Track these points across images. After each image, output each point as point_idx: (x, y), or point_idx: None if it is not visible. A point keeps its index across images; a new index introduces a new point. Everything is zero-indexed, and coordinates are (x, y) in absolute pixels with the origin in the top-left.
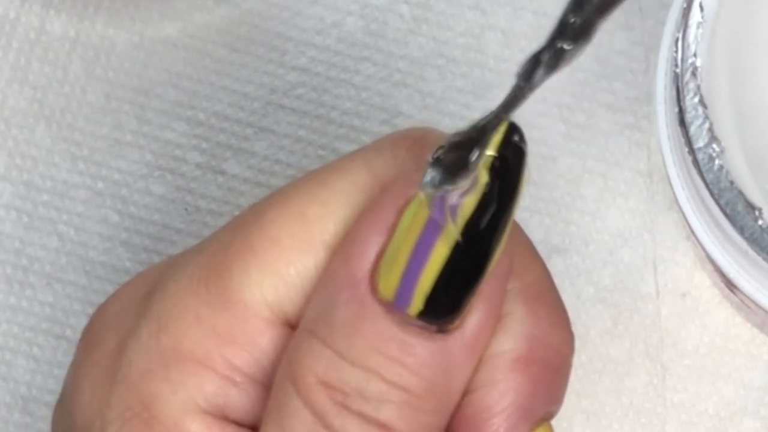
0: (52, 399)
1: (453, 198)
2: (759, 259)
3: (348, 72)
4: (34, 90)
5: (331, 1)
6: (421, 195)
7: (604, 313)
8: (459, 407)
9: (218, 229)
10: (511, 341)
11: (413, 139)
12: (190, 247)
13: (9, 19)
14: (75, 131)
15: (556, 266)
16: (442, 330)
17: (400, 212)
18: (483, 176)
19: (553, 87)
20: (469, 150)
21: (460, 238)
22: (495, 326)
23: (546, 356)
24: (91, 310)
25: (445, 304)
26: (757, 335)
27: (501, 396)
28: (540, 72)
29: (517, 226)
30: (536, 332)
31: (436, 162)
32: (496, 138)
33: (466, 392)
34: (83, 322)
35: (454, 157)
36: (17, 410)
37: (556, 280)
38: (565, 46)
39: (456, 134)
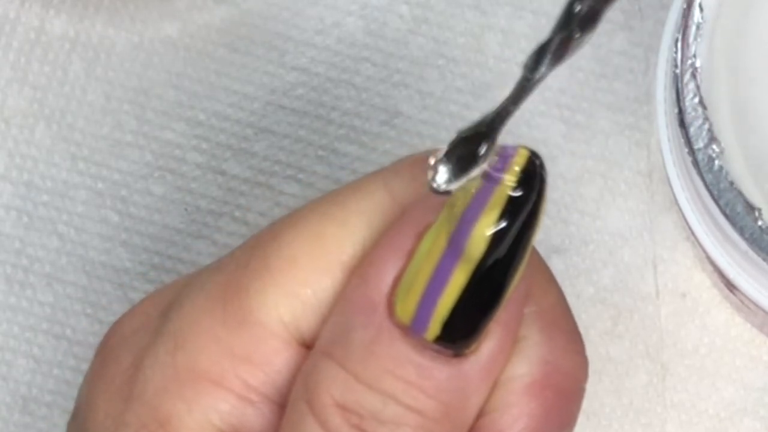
0: (52, 399)
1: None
2: (759, 259)
3: (348, 72)
4: (34, 90)
5: (331, 1)
6: (442, 214)
7: (604, 313)
8: (472, 430)
9: (236, 248)
10: (525, 366)
11: None
12: (189, 252)
13: (9, 19)
14: (75, 131)
15: (556, 266)
16: (459, 354)
17: (419, 237)
18: (502, 204)
19: (553, 87)
20: (478, 144)
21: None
22: (511, 351)
23: (560, 382)
24: (91, 310)
25: (462, 330)
26: (757, 335)
27: (514, 420)
28: (546, 62)
29: (534, 251)
30: (551, 357)
31: (446, 157)
32: (517, 167)
33: (479, 415)
34: (83, 322)
35: (463, 152)
36: (17, 410)
37: None
38: (572, 35)
39: (464, 129)
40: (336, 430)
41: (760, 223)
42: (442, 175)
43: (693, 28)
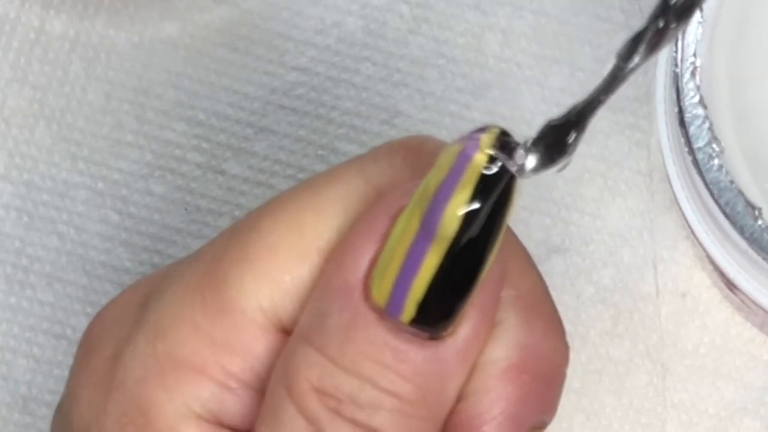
0: (52, 399)
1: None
2: (759, 259)
3: (348, 72)
4: (34, 90)
5: (331, 1)
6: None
7: (604, 313)
8: (451, 413)
9: (215, 237)
10: (503, 349)
11: (409, 147)
12: (189, 252)
13: (9, 19)
14: (75, 131)
15: (556, 266)
16: (435, 337)
17: (393, 220)
18: (471, 187)
19: (553, 87)
20: (567, 133)
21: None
22: (488, 334)
23: (538, 366)
24: (91, 310)
25: (437, 312)
26: (757, 335)
27: (492, 404)
28: (641, 52)
29: (511, 234)
30: (529, 341)
31: (534, 144)
32: (488, 145)
33: (458, 398)
34: (83, 322)
35: (551, 140)
36: (17, 410)
37: (556, 280)
38: (667, 25)
39: (554, 118)
40: (314, 415)
41: (760, 222)
42: (531, 162)
43: (693, 28)
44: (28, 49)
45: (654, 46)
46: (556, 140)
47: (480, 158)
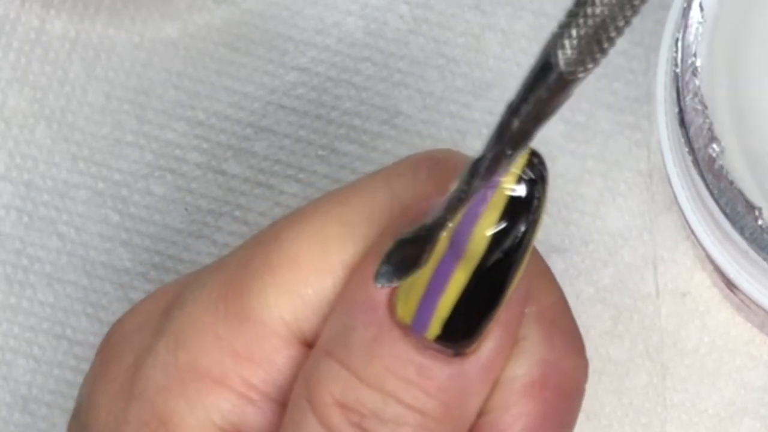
0: (52, 399)
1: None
2: (759, 259)
3: (348, 72)
4: (34, 90)
5: (331, 1)
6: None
7: (604, 313)
8: (472, 429)
9: (237, 247)
10: (525, 366)
11: (435, 160)
12: (189, 252)
13: (9, 19)
14: (75, 131)
15: (556, 266)
16: (459, 353)
17: None
18: (501, 205)
19: None
20: (420, 248)
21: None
22: (511, 350)
23: (559, 382)
24: (91, 310)
25: (462, 330)
26: (757, 335)
27: (513, 420)
28: (480, 176)
29: (534, 250)
30: (550, 358)
31: (387, 258)
32: (517, 167)
33: (479, 414)
34: (83, 322)
35: (403, 254)
36: (17, 410)
37: None
38: (504, 152)
39: (405, 233)
40: (337, 429)
41: (760, 222)
42: (383, 276)
43: (693, 28)
44: (28, 49)
45: (492, 172)
46: (409, 255)
47: (508, 180)
